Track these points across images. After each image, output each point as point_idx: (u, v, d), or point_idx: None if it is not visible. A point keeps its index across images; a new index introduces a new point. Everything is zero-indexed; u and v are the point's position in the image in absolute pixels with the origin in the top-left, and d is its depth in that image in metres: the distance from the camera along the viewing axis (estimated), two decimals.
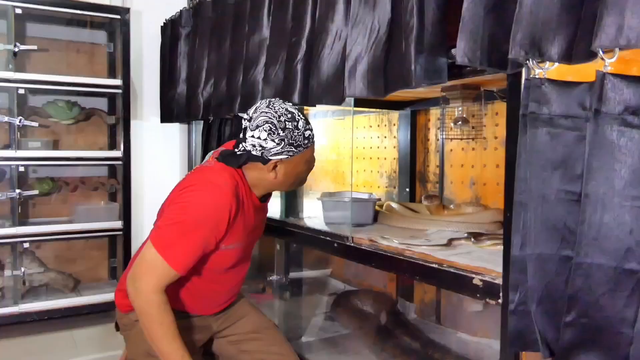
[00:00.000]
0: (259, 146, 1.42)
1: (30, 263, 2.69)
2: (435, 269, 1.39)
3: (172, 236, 1.37)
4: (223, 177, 1.44)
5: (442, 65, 1.19)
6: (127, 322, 1.56)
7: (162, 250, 1.35)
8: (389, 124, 2.72)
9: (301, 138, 1.44)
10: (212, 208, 1.39)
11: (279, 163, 1.45)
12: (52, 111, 2.74)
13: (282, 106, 1.45)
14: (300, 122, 1.45)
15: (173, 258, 1.35)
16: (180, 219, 1.38)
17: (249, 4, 2.03)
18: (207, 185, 1.43)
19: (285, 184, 1.54)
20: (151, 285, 1.35)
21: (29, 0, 2.55)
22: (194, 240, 1.37)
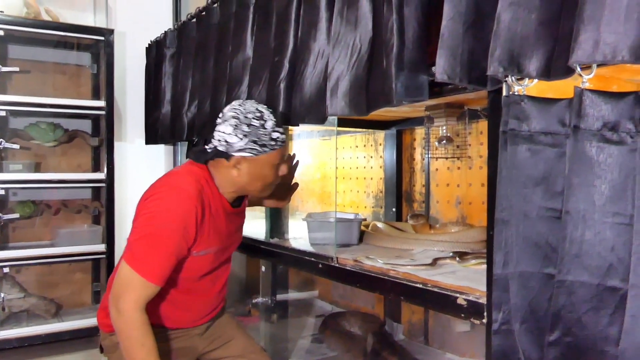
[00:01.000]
0: (224, 141, 1.42)
1: (11, 288, 2.62)
2: (419, 288, 1.37)
3: (143, 250, 1.35)
4: (187, 180, 1.43)
5: (422, 82, 1.19)
6: (110, 344, 1.52)
7: (135, 266, 1.33)
8: (375, 144, 2.72)
9: (267, 138, 1.43)
10: (176, 213, 1.37)
11: (242, 160, 1.44)
12: (34, 133, 2.71)
13: (254, 105, 1.47)
14: (269, 122, 1.44)
15: (148, 271, 1.33)
16: (148, 231, 1.36)
17: (233, 24, 2.04)
18: (170, 191, 1.41)
19: (250, 186, 1.50)
20: (132, 303, 1.32)
21: (10, 22, 2.53)
22: (165, 250, 1.35)
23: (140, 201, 1.47)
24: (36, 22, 2.64)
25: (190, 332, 1.60)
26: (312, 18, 1.55)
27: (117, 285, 1.36)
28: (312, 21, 1.56)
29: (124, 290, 1.34)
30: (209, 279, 1.56)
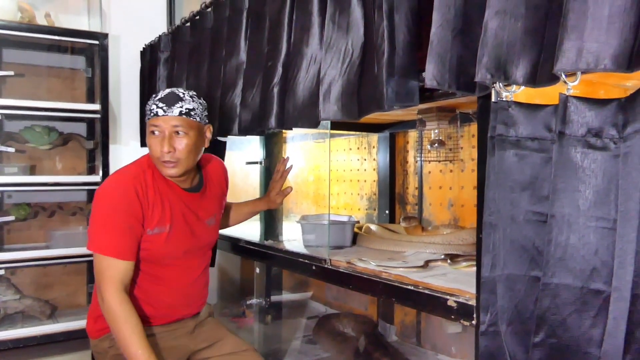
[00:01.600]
0: None
1: (6, 290, 2.62)
2: (411, 290, 1.39)
3: (96, 232, 1.46)
4: (125, 167, 1.58)
5: (413, 88, 1.21)
6: (101, 350, 1.54)
7: (96, 248, 1.44)
8: (369, 147, 2.74)
9: (147, 108, 1.55)
10: (114, 193, 1.48)
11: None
12: (29, 136, 2.71)
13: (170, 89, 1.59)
14: (156, 96, 1.56)
15: (108, 248, 1.43)
16: (95, 218, 1.47)
17: (227, 29, 2.05)
18: (109, 180, 1.54)
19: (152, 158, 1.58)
20: (109, 285, 1.41)
21: (5, 27, 2.53)
22: (114, 225, 1.44)
23: None
24: (31, 27, 2.64)
25: (178, 330, 1.63)
26: (304, 23, 1.57)
27: (96, 276, 1.46)
28: (304, 26, 1.57)
29: (99, 277, 1.44)
30: (180, 265, 1.61)
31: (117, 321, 1.40)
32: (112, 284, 1.41)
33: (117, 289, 1.41)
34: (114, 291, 1.40)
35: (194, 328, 1.67)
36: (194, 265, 1.67)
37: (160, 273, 1.58)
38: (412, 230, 2.11)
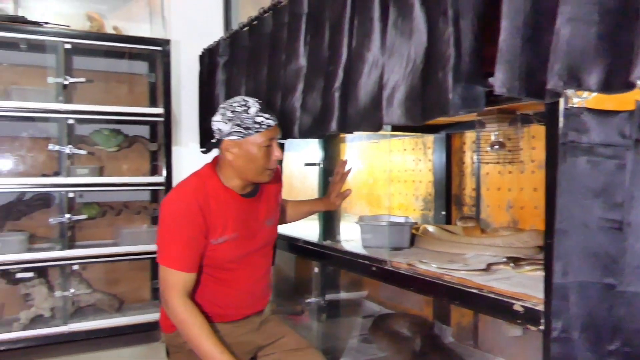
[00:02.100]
0: (217, 130, 1.63)
1: (78, 284, 2.79)
2: (475, 294, 1.39)
3: (163, 246, 1.55)
4: (186, 181, 1.65)
5: (479, 93, 1.21)
6: (175, 344, 1.63)
7: (162, 261, 1.53)
8: (424, 147, 2.74)
9: (250, 122, 1.59)
10: (178, 208, 1.56)
11: (232, 143, 1.61)
12: (98, 139, 2.86)
13: (240, 97, 1.66)
14: (252, 108, 1.61)
15: (172, 261, 1.52)
16: (162, 231, 1.58)
17: (286, 34, 2.10)
18: (172, 194, 1.62)
19: (246, 169, 1.64)
20: (173, 294, 1.51)
21: (77, 36, 2.68)
22: (179, 240, 1.53)
23: None
24: (99, 35, 2.79)
25: (245, 327, 1.70)
26: (365, 29, 1.60)
27: (160, 285, 1.56)
28: (365, 32, 1.60)
29: (164, 287, 1.54)
30: (243, 267, 1.68)
31: (184, 324, 1.49)
32: (176, 293, 1.51)
33: (180, 296, 1.51)
34: (177, 299, 1.50)
35: (259, 325, 1.73)
36: (257, 265, 1.73)
37: (225, 276, 1.65)
38: (470, 231, 2.10)
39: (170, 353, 1.72)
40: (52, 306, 2.71)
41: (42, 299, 2.68)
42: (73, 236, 2.84)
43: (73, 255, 2.68)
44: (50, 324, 2.65)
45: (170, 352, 1.72)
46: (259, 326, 1.74)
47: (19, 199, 2.77)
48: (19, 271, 2.62)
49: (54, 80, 2.66)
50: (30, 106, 2.59)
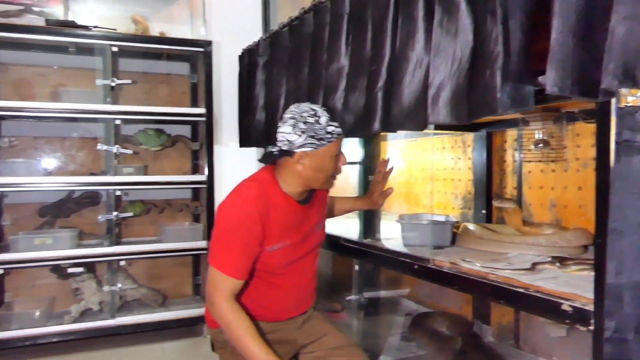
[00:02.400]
0: (286, 140, 1.57)
1: (125, 280, 2.88)
2: (521, 293, 1.38)
3: (218, 250, 1.54)
4: (248, 186, 1.61)
5: (528, 92, 1.21)
6: (221, 340, 1.66)
7: (215, 265, 1.53)
8: (464, 145, 2.72)
9: (323, 132, 1.57)
10: (238, 215, 1.54)
11: (304, 155, 1.58)
12: (143, 139, 2.95)
13: (307, 105, 1.62)
14: (323, 117, 1.58)
15: (226, 267, 1.51)
16: (219, 235, 1.55)
17: (327, 34, 2.12)
18: (235, 198, 1.58)
19: (314, 178, 1.63)
20: (220, 297, 1.51)
21: (123, 39, 2.78)
22: (236, 247, 1.53)
23: None
24: (145, 38, 2.88)
25: (288, 326, 1.72)
26: (409, 29, 1.60)
27: (208, 286, 1.56)
28: (409, 32, 1.60)
29: (212, 289, 1.53)
30: (293, 271, 1.69)
31: (230, 326, 1.50)
32: (224, 295, 1.51)
33: (228, 300, 1.51)
34: (225, 302, 1.51)
35: (301, 323, 1.76)
36: (306, 268, 1.75)
37: (275, 280, 1.66)
38: (510, 214, 2.05)
39: (216, 348, 1.75)
40: (101, 300, 2.81)
41: (91, 293, 2.78)
42: (119, 233, 2.94)
43: (120, 252, 2.78)
44: (99, 318, 2.76)
45: (215, 347, 1.76)
46: (302, 325, 1.76)
47: (68, 197, 2.88)
48: (69, 266, 2.74)
49: (102, 82, 2.76)
50: (80, 107, 2.70)
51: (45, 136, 2.91)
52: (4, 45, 2.70)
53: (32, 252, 2.62)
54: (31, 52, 2.87)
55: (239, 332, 1.49)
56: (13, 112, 2.62)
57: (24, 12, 2.71)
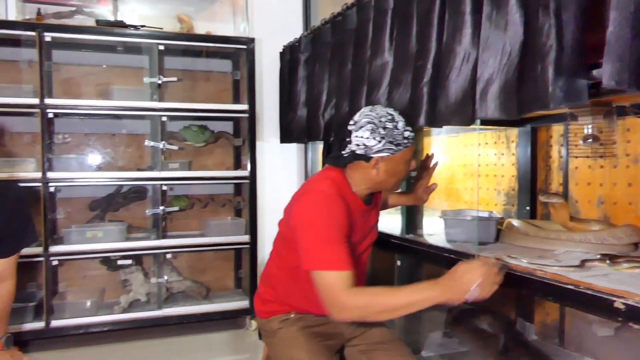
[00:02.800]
0: (363, 145, 1.55)
1: (170, 272, 2.97)
2: (571, 290, 1.37)
3: (319, 251, 1.45)
4: (326, 184, 1.57)
5: (582, 86, 1.19)
6: (270, 330, 1.70)
7: (324, 266, 1.43)
8: (507, 141, 2.69)
9: (401, 137, 1.55)
10: (328, 211, 1.49)
11: (381, 160, 1.56)
12: (187, 135, 3.02)
13: (383, 109, 1.59)
14: (400, 123, 1.57)
15: (336, 264, 1.43)
16: (310, 237, 1.48)
17: (371, 30, 2.13)
18: (317, 195, 1.54)
19: (386, 182, 1.62)
20: (344, 296, 1.41)
21: (170, 37, 2.85)
22: (335, 240, 1.47)
23: (288, 208, 1.63)
24: (190, 36, 2.94)
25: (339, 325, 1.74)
26: (456, 22, 1.60)
27: (323, 294, 1.44)
28: (456, 25, 1.60)
29: (328, 291, 1.42)
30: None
31: (374, 308, 1.40)
32: (346, 292, 1.40)
33: (349, 292, 1.41)
34: (350, 296, 1.41)
35: None
36: (360, 266, 1.76)
37: None
38: (557, 210, 2.01)
39: (263, 337, 1.80)
40: (148, 292, 2.90)
41: (139, 284, 2.88)
42: (165, 227, 3.02)
43: (166, 245, 2.86)
44: (146, 308, 2.86)
45: (262, 336, 1.80)
46: None
47: (117, 192, 2.98)
48: (119, 258, 2.84)
49: (149, 80, 2.85)
50: (128, 105, 2.79)
51: (96, 133, 3.02)
52: (57, 46, 2.81)
53: (84, 245, 2.73)
54: (81, 51, 2.97)
55: (391, 301, 1.40)
56: (66, 110, 2.73)
57: (75, 13, 2.82)
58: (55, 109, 2.68)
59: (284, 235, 1.66)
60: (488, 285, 1.40)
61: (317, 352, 1.61)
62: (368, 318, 1.45)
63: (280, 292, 1.71)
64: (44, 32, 2.61)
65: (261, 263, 3.17)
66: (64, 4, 2.85)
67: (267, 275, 1.76)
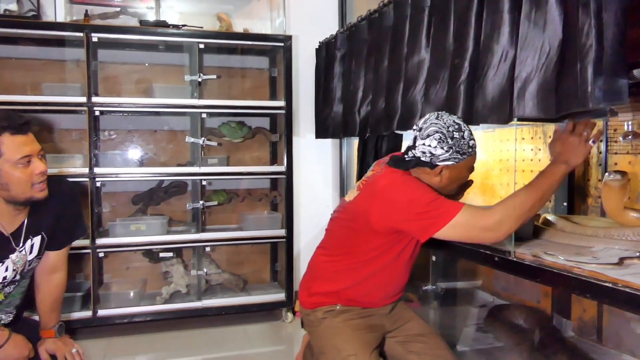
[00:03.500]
0: (429, 153, 1.59)
1: (209, 265, 3.06)
2: (608, 288, 1.37)
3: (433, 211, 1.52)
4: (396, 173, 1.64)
5: (622, 86, 1.20)
6: (314, 319, 1.76)
7: (448, 217, 1.50)
8: (544, 136, 2.66)
9: (466, 147, 1.60)
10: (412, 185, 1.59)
11: (445, 168, 1.62)
12: (226, 131, 3.10)
13: (450, 118, 1.62)
14: (466, 132, 1.61)
15: (453, 207, 1.51)
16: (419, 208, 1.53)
17: (408, 27, 2.14)
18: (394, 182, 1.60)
19: (447, 188, 1.68)
20: (487, 218, 1.51)
21: (210, 36, 2.93)
22: (435, 196, 1.55)
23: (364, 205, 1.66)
24: (230, 34, 3.01)
25: (380, 312, 1.80)
26: (495, 21, 1.60)
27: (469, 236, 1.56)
28: (494, 24, 1.60)
29: (473, 229, 1.52)
30: (402, 263, 1.74)
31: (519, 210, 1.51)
32: (485, 215, 1.50)
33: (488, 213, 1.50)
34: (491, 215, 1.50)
35: (390, 310, 1.83)
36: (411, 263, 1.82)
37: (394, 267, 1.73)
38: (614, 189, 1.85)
39: (306, 326, 1.86)
40: (188, 283, 3.00)
41: (179, 276, 2.97)
42: (204, 220, 3.11)
43: (205, 238, 2.95)
44: (187, 300, 2.95)
45: (305, 324, 1.86)
46: (390, 311, 1.84)
47: (158, 186, 3.08)
48: (160, 251, 2.94)
49: (190, 78, 2.93)
50: (170, 102, 2.88)
51: (139, 129, 3.12)
52: (102, 45, 2.92)
53: (128, 237, 2.83)
54: (125, 50, 3.08)
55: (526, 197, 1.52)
56: (111, 108, 2.83)
57: (120, 13, 2.92)
58: (102, 107, 2.78)
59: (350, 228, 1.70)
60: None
61: (360, 343, 1.67)
62: (522, 219, 1.53)
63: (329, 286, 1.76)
64: (92, 33, 2.71)
65: (297, 257, 3.23)
66: (110, 5, 2.95)
67: (317, 268, 1.81)
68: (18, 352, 1.70)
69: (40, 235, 1.79)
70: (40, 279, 1.89)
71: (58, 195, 1.80)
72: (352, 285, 1.72)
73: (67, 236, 1.91)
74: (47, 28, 2.74)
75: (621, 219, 1.90)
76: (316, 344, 1.79)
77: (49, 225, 1.81)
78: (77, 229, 1.94)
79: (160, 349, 2.75)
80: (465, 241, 1.56)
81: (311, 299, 1.75)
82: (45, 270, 1.88)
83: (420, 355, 1.77)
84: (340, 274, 1.73)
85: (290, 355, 2.66)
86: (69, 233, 1.91)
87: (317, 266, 1.80)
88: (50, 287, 1.89)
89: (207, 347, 2.76)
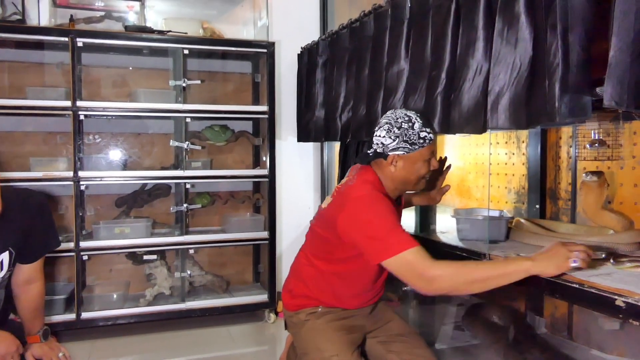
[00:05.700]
0: (380, 144, 1.70)
1: (193, 266, 3.10)
2: (576, 289, 1.45)
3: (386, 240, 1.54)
4: (367, 187, 1.68)
5: (587, 103, 1.29)
6: (297, 321, 1.82)
7: (393, 252, 1.50)
8: (517, 141, 2.77)
9: (416, 137, 1.68)
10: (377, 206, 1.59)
11: (397, 158, 1.70)
12: (209, 134, 3.14)
13: (403, 112, 1.73)
14: (417, 124, 1.69)
15: (406, 243, 1.50)
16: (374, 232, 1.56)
17: (388, 38, 2.22)
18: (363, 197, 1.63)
19: (407, 181, 1.75)
20: (430, 268, 1.46)
21: (194, 42, 2.96)
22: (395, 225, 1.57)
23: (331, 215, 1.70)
24: (213, 40, 3.05)
25: (361, 312, 1.87)
26: (470, 36, 1.69)
27: (405, 275, 1.52)
28: (470, 39, 1.69)
29: (411, 271, 1.49)
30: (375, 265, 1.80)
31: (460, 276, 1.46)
32: (427, 265, 1.46)
33: (432, 263, 1.47)
34: (434, 267, 1.46)
35: (370, 311, 1.90)
36: None
37: (371, 272, 1.78)
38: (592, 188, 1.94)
39: (289, 327, 1.91)
40: (171, 285, 3.03)
41: (163, 278, 3.01)
42: (188, 223, 3.14)
43: (189, 240, 2.99)
44: (170, 301, 2.99)
45: (288, 326, 1.91)
46: (370, 312, 1.91)
47: (142, 189, 3.11)
48: (144, 253, 2.97)
49: (174, 83, 2.96)
50: (155, 107, 2.91)
51: (123, 133, 3.14)
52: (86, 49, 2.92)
53: (113, 240, 2.86)
54: (109, 54, 3.09)
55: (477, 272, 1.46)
56: (96, 112, 2.84)
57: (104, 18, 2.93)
58: (87, 111, 2.79)
59: (323, 237, 1.75)
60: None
61: (341, 343, 1.73)
62: (458, 288, 1.51)
63: (311, 288, 1.81)
64: (77, 38, 2.72)
65: (279, 258, 3.29)
66: (94, 9, 2.97)
67: (299, 271, 1.86)
68: (5, 347, 1.66)
69: (7, 252, 1.72)
70: (19, 290, 1.84)
71: (24, 210, 1.74)
72: (332, 289, 1.78)
73: (39, 249, 1.85)
74: (33, 32, 2.74)
75: (598, 219, 2.00)
76: (299, 345, 1.85)
77: (16, 241, 1.73)
78: (49, 242, 1.88)
79: (145, 351, 2.78)
80: (401, 279, 1.52)
81: (294, 301, 1.82)
82: (21, 282, 1.83)
83: (400, 355, 1.83)
84: (320, 278, 1.79)
85: (274, 356, 2.72)
86: (41, 246, 1.85)
87: (299, 269, 1.86)
88: (29, 296, 1.85)
89: (191, 348, 2.80)
